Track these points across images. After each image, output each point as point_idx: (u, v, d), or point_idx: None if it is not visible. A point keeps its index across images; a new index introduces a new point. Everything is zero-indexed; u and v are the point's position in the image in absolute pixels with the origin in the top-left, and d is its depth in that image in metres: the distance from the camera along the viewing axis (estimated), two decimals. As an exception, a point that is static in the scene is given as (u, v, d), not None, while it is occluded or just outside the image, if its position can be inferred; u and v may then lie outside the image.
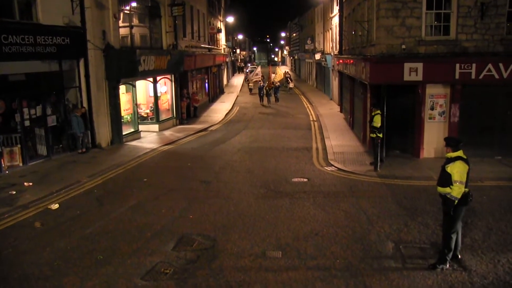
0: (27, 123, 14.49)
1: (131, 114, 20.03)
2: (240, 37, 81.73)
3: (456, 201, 7.30)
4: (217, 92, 39.83)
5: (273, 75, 37.85)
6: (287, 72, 54.34)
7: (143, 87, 21.96)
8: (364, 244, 8.58)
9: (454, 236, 7.52)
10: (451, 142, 7.58)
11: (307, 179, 13.22)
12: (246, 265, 7.81)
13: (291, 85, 44.33)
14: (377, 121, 14.13)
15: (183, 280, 7.26)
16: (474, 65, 14.25)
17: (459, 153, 7.42)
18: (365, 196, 11.49)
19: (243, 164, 15.24)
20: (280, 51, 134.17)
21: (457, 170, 7.25)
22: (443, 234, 7.72)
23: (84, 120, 16.45)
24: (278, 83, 36.98)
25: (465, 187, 7.32)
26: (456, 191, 7.25)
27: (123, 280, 7.26)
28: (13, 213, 10.33)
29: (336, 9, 30.03)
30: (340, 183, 12.81)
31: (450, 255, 7.54)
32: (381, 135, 14.22)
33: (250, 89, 42.87)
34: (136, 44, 20.27)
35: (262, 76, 39.43)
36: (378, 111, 14.33)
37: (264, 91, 34.69)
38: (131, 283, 7.18)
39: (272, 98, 34.73)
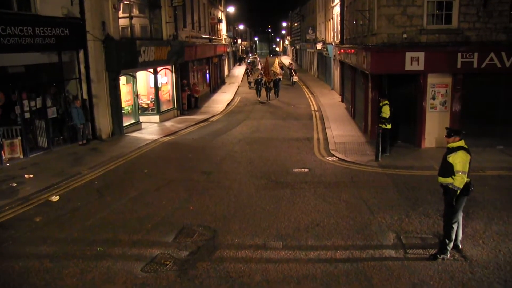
0: (27, 115, 14.42)
1: (132, 105, 19.97)
2: (241, 27, 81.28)
3: (458, 191, 7.27)
4: (218, 82, 39.69)
5: (274, 67, 32.34)
6: (291, 63, 52.52)
7: (144, 78, 21.87)
8: (365, 235, 8.56)
9: (455, 226, 7.49)
10: (452, 132, 7.54)
11: (308, 170, 13.18)
12: (246, 256, 7.80)
13: (295, 78, 40.29)
14: (386, 112, 14.09)
15: (184, 271, 7.26)
16: (476, 54, 14.13)
17: (461, 143, 7.38)
18: (366, 186, 11.45)
19: (244, 154, 15.21)
20: (281, 41, 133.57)
21: (459, 160, 7.21)
22: (444, 224, 7.69)
23: (85, 111, 16.42)
24: (280, 76, 32.61)
25: (467, 177, 7.29)
26: (459, 181, 7.21)
27: (123, 271, 7.26)
28: (13, 205, 10.33)
29: (337, -2, 29.77)
30: (341, 173, 12.78)
31: (451, 245, 7.53)
32: (389, 126, 14.18)
33: (250, 83, 39.15)
34: (136, 35, 20.13)
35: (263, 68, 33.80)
36: (386, 101, 14.26)
37: (263, 84, 30.35)
38: (131, 274, 7.18)
39: (272, 93, 30.62)
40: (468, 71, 14.38)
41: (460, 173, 7.20)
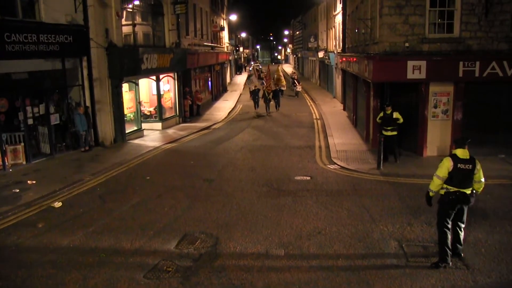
0: (30, 121, 14.49)
1: (134, 112, 20.03)
2: (243, 35, 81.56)
3: (431, 193, 7.73)
4: (220, 90, 39.80)
5: (278, 75, 30.62)
6: (294, 72, 52.00)
7: (146, 85, 21.98)
8: (367, 243, 8.56)
9: (442, 233, 7.53)
10: (454, 140, 7.97)
11: (310, 177, 13.20)
12: (248, 263, 7.80)
13: (298, 88, 38.25)
14: (400, 117, 14.29)
15: (186, 278, 7.26)
16: (477, 63, 14.19)
17: (456, 150, 7.59)
18: (368, 195, 11.46)
19: (246, 162, 15.23)
20: (283, 49, 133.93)
21: (440, 165, 7.58)
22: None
23: (87, 118, 16.48)
24: (283, 86, 30.79)
25: (457, 187, 7.36)
26: (432, 183, 7.67)
27: (125, 278, 7.27)
28: (16, 211, 10.36)
29: (339, 7, 29.93)
30: (343, 181, 12.79)
31: (449, 253, 7.48)
32: (386, 134, 14.21)
33: (251, 93, 30.11)
34: (139, 42, 20.27)
35: (266, 78, 30.21)
36: (390, 108, 14.35)
37: (261, 95, 27.98)
38: (133, 281, 7.18)
39: (271, 104, 28.22)
40: (470, 80, 14.43)
41: (435, 176, 7.60)
